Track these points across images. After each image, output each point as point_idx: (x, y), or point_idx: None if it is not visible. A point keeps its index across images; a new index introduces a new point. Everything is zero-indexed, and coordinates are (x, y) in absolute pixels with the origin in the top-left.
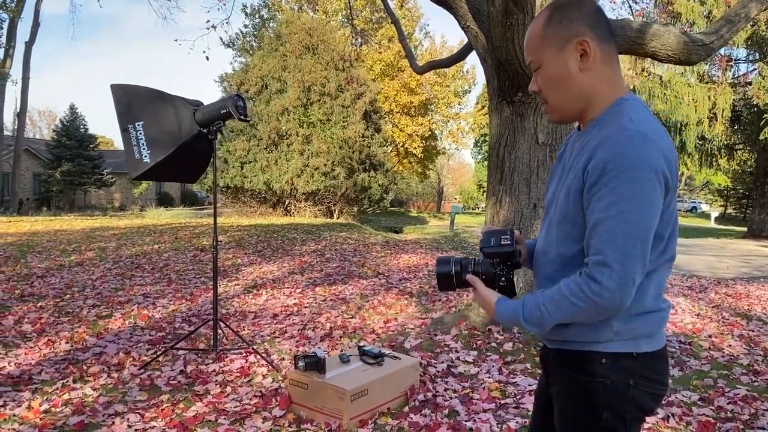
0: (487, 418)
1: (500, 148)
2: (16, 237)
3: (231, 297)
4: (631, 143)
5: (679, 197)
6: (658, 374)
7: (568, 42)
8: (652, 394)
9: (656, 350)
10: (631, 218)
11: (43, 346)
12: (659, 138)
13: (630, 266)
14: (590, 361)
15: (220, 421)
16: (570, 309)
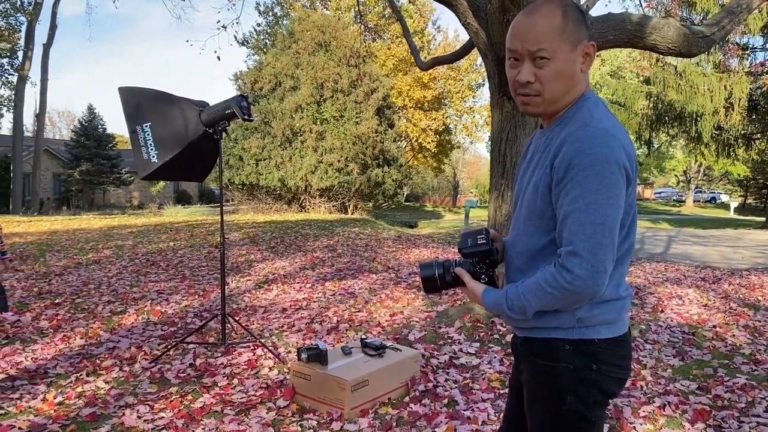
0: (485, 407)
1: (502, 143)
2: (36, 236)
3: (242, 292)
4: (594, 139)
5: (698, 188)
6: (619, 359)
7: (580, 43)
8: (614, 378)
9: (617, 336)
10: (598, 209)
11: (58, 342)
12: (620, 133)
13: (600, 255)
14: (554, 348)
15: (225, 412)
16: (546, 297)
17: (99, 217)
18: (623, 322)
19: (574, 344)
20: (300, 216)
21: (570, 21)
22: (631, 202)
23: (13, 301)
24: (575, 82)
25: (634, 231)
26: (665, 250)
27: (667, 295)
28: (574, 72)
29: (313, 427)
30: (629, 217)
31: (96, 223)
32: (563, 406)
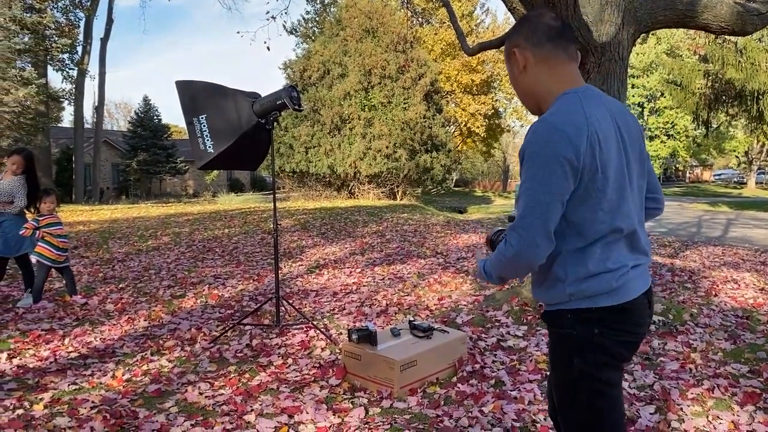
0: (532, 388)
1: None
2: (98, 224)
3: (295, 277)
4: (540, 133)
5: (761, 169)
6: (622, 324)
7: (510, 52)
8: (620, 341)
9: (618, 304)
10: (533, 195)
11: (124, 323)
12: (568, 127)
13: (531, 232)
14: (560, 317)
15: (281, 389)
16: (499, 264)
17: (156, 205)
18: (626, 290)
19: (574, 313)
20: (349, 202)
21: (508, 36)
22: (601, 188)
23: (81, 285)
24: (521, 85)
25: (616, 215)
26: (723, 233)
27: (722, 279)
28: (514, 77)
29: (364, 404)
30: (601, 204)
31: (154, 211)
32: (572, 368)
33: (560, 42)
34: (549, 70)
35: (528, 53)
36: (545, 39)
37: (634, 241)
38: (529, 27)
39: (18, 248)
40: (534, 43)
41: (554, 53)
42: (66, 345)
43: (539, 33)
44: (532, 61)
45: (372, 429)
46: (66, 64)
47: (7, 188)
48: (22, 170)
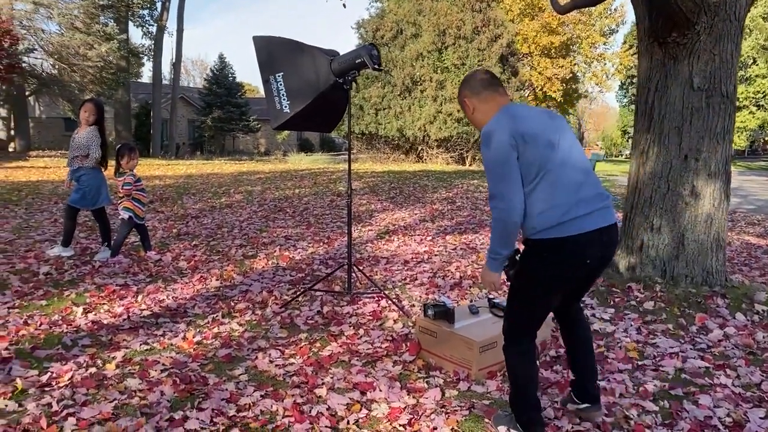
0: (623, 379)
1: (649, 94)
2: (173, 179)
3: (365, 242)
4: (485, 135)
5: None
6: (561, 253)
7: (462, 101)
8: (556, 264)
9: (560, 236)
10: (489, 167)
11: (196, 282)
12: (500, 126)
13: (506, 194)
14: (527, 244)
15: (353, 362)
16: (493, 233)
17: (229, 162)
18: (566, 228)
19: (530, 243)
20: (417, 166)
21: (459, 92)
22: (531, 157)
23: (155, 241)
24: (476, 120)
25: (552, 171)
26: None
27: None
28: (471, 117)
29: (440, 384)
30: (536, 168)
31: (227, 168)
32: (527, 275)
33: (491, 87)
34: (487, 105)
35: (474, 101)
36: (484, 86)
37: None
38: (470, 83)
39: (95, 201)
40: (476, 92)
41: (489, 93)
42: (139, 302)
43: (478, 85)
44: (476, 105)
45: (449, 413)
46: (146, 20)
47: (83, 141)
48: (95, 119)
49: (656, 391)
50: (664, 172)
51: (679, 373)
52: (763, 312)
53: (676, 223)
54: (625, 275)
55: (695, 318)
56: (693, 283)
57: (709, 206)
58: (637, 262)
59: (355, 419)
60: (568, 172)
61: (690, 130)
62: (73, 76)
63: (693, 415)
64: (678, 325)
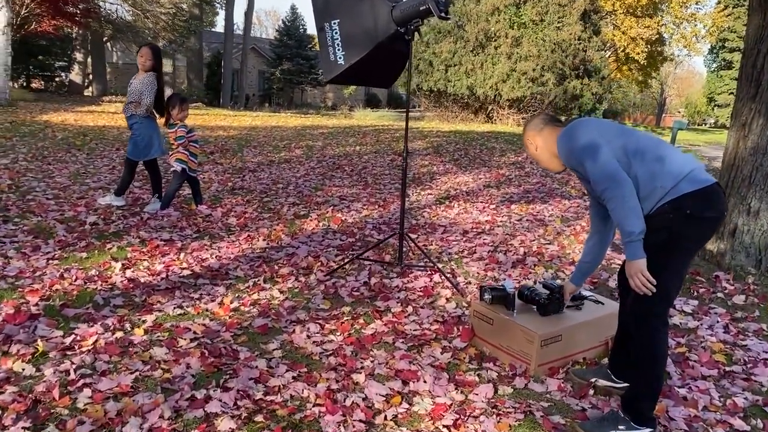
0: (707, 388)
1: (758, 56)
2: (237, 131)
3: (422, 207)
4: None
5: None
6: (707, 204)
7: (525, 141)
8: (708, 219)
9: (700, 187)
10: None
11: (243, 241)
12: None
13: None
14: (663, 210)
15: (397, 345)
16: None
17: (295, 115)
18: (695, 179)
19: (670, 203)
20: (486, 127)
21: (523, 135)
22: (621, 146)
23: (209, 194)
24: (537, 156)
25: (639, 155)
26: None
27: None
28: (532, 154)
29: (493, 379)
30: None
31: (292, 121)
32: (667, 238)
33: (552, 122)
34: (551, 139)
35: (538, 137)
36: (543, 124)
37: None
38: (533, 122)
39: (147, 152)
40: (538, 130)
41: (550, 128)
42: (181, 260)
43: (539, 123)
44: (540, 141)
45: (501, 415)
46: None
47: (138, 87)
48: (152, 65)
49: (748, 406)
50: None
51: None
52: None
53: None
54: (712, 262)
55: None
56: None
57: None
58: (727, 248)
59: (393, 414)
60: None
61: None
62: (146, 22)
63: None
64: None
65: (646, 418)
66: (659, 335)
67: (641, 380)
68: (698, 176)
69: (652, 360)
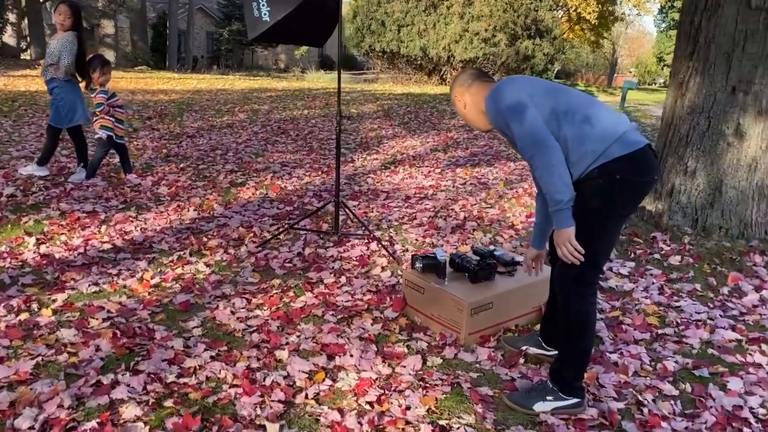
0: (639, 352)
1: (696, 13)
2: (180, 94)
3: (367, 173)
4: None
5: None
6: (636, 168)
7: (453, 98)
8: (637, 182)
9: (628, 151)
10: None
11: (171, 212)
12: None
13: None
14: (592, 175)
15: (327, 318)
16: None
17: (244, 78)
18: (625, 143)
19: (599, 169)
20: (440, 89)
21: (450, 93)
22: (551, 106)
23: (141, 162)
24: (466, 114)
25: (569, 116)
26: None
27: None
28: (461, 112)
29: (423, 350)
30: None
31: (239, 84)
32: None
33: (480, 78)
34: (479, 96)
35: (465, 95)
36: (471, 80)
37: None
38: (459, 79)
39: (70, 119)
40: (466, 86)
41: (480, 86)
42: (102, 233)
43: (467, 78)
44: (468, 98)
45: (428, 388)
46: None
47: (56, 48)
48: (71, 23)
49: (678, 369)
50: (705, 106)
51: (705, 348)
52: None
53: (715, 167)
54: (650, 223)
55: (728, 278)
56: (728, 235)
57: (755, 148)
58: (665, 208)
59: (315, 392)
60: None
61: (741, 57)
62: None
63: (720, 403)
64: (707, 285)
65: (573, 388)
66: (587, 304)
67: (569, 349)
68: (629, 138)
69: (580, 328)
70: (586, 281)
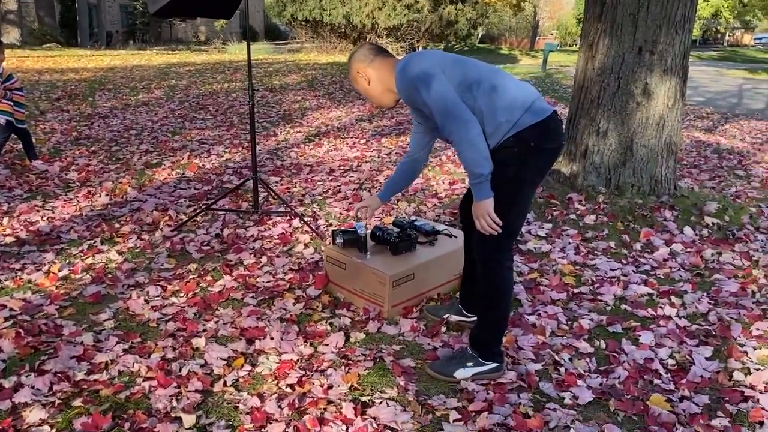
0: (555, 313)
1: None
2: (92, 73)
3: (290, 146)
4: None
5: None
6: (545, 136)
7: (354, 75)
8: (547, 150)
9: (537, 119)
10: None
11: (82, 198)
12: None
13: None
14: (508, 143)
15: (246, 300)
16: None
17: (161, 52)
18: (535, 112)
19: (511, 139)
20: None
21: (348, 70)
22: (462, 79)
23: (48, 146)
24: (369, 91)
25: (481, 87)
26: (767, 105)
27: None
28: (364, 89)
29: (346, 326)
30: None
31: (156, 59)
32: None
33: (381, 53)
34: (383, 72)
35: (368, 69)
36: (373, 55)
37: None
38: (359, 54)
39: None
40: (368, 61)
41: (382, 61)
42: (4, 226)
43: (368, 54)
44: (372, 73)
45: (350, 365)
46: None
47: None
48: None
49: (593, 327)
50: (614, 67)
51: (619, 304)
52: (712, 225)
53: (625, 126)
54: (566, 185)
55: (640, 233)
56: (640, 192)
57: (662, 107)
58: (580, 169)
59: (234, 379)
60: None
61: (646, 17)
62: None
63: (632, 357)
64: (621, 242)
65: (493, 353)
66: (505, 269)
67: (487, 315)
68: (539, 107)
69: (498, 295)
70: (502, 248)
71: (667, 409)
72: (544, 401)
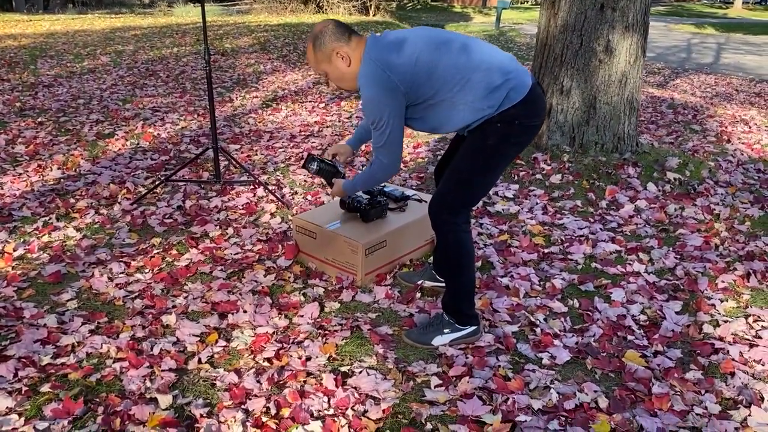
0: (527, 274)
1: None
2: (31, 39)
3: (247, 112)
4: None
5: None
6: (528, 113)
7: (333, 54)
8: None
9: (519, 97)
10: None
11: (32, 173)
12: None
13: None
14: (492, 120)
15: (215, 274)
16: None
17: (104, 16)
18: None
19: (496, 118)
20: (317, 17)
21: (317, 49)
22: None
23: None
24: (348, 74)
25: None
26: (715, 60)
27: (730, 120)
28: (342, 72)
29: (320, 296)
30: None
31: (99, 23)
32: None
33: (348, 30)
34: (358, 50)
35: (346, 49)
36: (348, 33)
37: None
38: (335, 33)
39: None
40: (346, 41)
41: (356, 38)
42: None
43: (343, 31)
44: (352, 53)
45: (327, 335)
46: None
47: None
48: None
49: (565, 286)
50: (577, 24)
51: (589, 262)
52: (674, 180)
53: (588, 84)
54: (531, 145)
55: (605, 191)
56: (603, 150)
57: (624, 63)
58: (544, 129)
59: (208, 355)
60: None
61: None
62: None
63: (605, 315)
64: (587, 200)
65: (468, 317)
66: (461, 232)
67: (454, 280)
68: (523, 82)
69: (459, 258)
70: (457, 210)
71: (642, 364)
72: (522, 362)
